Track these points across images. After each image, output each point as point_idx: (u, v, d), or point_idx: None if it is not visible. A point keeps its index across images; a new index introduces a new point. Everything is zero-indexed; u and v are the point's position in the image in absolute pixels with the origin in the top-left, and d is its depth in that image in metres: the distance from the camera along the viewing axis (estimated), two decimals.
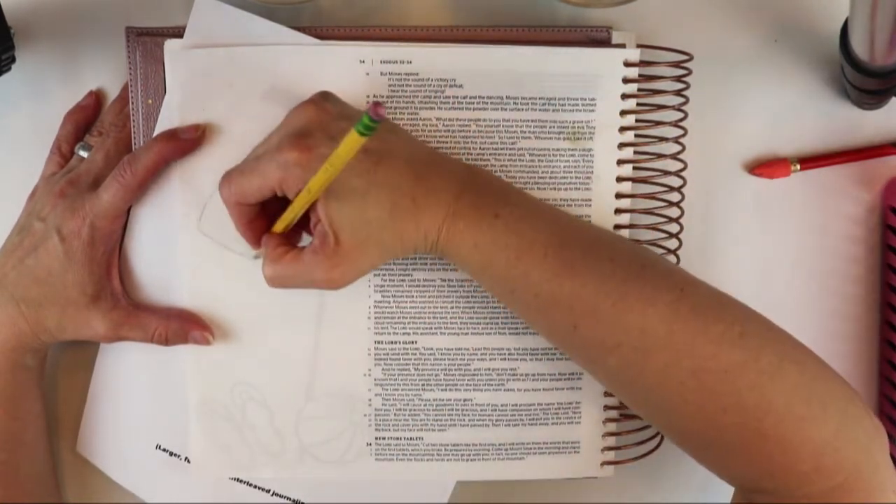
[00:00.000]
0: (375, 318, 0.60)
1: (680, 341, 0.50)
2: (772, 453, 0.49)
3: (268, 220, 0.55)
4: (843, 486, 0.48)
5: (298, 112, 0.54)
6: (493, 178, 0.55)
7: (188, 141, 0.57)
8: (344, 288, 0.53)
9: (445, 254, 0.53)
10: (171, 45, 0.58)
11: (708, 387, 0.49)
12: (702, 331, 0.50)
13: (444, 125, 0.58)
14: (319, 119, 0.53)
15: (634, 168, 0.60)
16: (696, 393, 0.50)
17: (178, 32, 0.58)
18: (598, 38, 0.59)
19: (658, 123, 0.60)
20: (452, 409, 0.61)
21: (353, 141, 0.46)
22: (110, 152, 0.59)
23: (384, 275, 0.59)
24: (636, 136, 0.59)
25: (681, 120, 0.60)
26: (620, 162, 0.59)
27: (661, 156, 0.60)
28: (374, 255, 0.53)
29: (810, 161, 0.62)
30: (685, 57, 0.59)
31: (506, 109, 0.58)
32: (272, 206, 0.54)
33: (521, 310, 0.55)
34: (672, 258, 0.61)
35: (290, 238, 0.55)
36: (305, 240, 0.57)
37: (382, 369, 0.60)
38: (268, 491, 0.63)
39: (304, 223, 0.55)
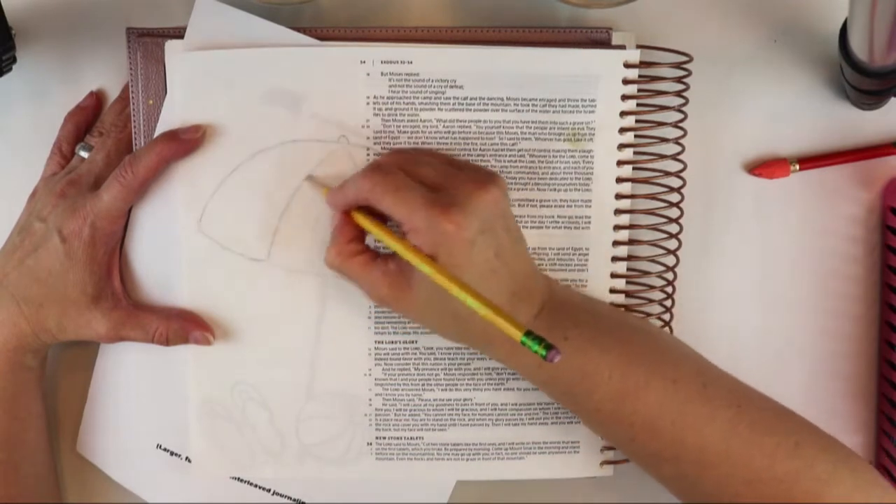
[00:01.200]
0: (375, 317, 0.60)
1: (736, 455, 0.51)
2: None
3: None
4: None
5: (476, 185, 0.51)
6: (568, 296, 0.56)
7: (189, 141, 0.57)
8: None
9: (506, 363, 0.55)
10: (171, 46, 0.58)
11: (763, 496, 0.51)
12: (758, 444, 0.51)
13: (444, 126, 0.58)
14: (486, 207, 0.51)
15: (634, 169, 0.60)
16: (751, 501, 0.51)
17: (179, 33, 0.58)
18: (598, 39, 0.59)
19: (658, 124, 0.60)
20: (452, 409, 0.61)
21: (508, 328, 0.47)
22: (111, 153, 0.59)
23: None
24: (636, 136, 0.59)
25: (681, 120, 0.60)
26: (620, 163, 0.59)
27: (661, 156, 0.60)
28: (426, 322, 0.54)
29: (810, 161, 0.62)
30: (685, 57, 0.59)
31: (506, 110, 0.58)
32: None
33: (581, 416, 0.57)
34: (672, 258, 0.61)
35: (361, 232, 0.55)
36: None
37: (383, 369, 0.61)
38: (268, 490, 0.63)
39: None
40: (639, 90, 0.59)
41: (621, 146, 0.59)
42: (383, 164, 0.54)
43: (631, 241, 0.60)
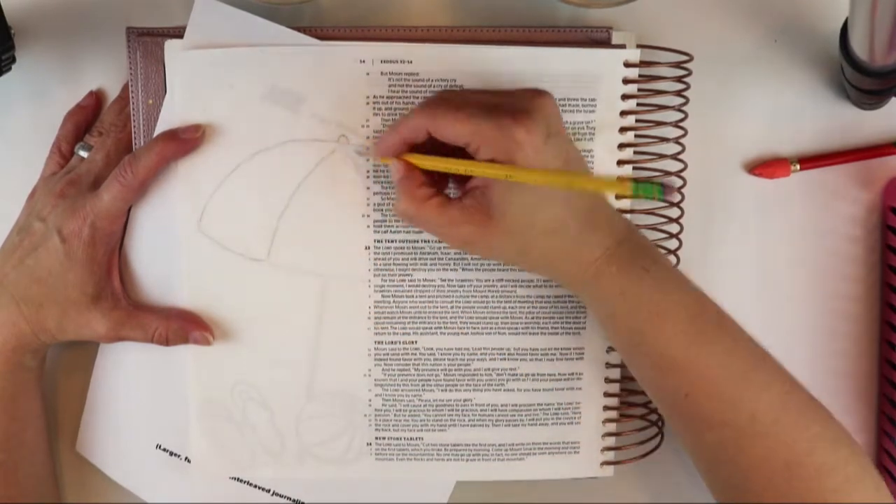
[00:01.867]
0: (375, 318, 0.60)
1: (783, 432, 0.51)
2: None
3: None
4: None
5: (533, 94, 0.52)
6: (646, 239, 0.56)
7: (189, 141, 0.57)
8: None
9: (585, 291, 0.54)
10: (171, 46, 0.58)
11: (797, 481, 0.51)
12: (804, 426, 0.51)
13: None
14: (550, 111, 0.51)
15: (634, 168, 0.60)
16: (785, 484, 0.51)
17: (179, 33, 0.58)
18: (598, 39, 0.59)
19: (658, 124, 0.60)
20: (452, 410, 0.61)
21: (616, 186, 0.47)
22: (110, 152, 0.59)
23: (384, 275, 0.59)
24: (636, 136, 0.59)
25: (681, 120, 0.60)
26: (620, 162, 0.59)
27: (661, 156, 0.60)
28: (512, 251, 0.53)
29: (810, 161, 0.62)
30: (685, 57, 0.59)
31: None
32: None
33: (637, 364, 0.55)
34: (672, 258, 0.61)
35: (428, 177, 0.53)
36: None
37: (382, 369, 0.61)
38: (268, 491, 0.63)
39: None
40: (639, 90, 0.59)
41: (621, 146, 0.59)
42: (435, 96, 0.53)
43: None
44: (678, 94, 0.59)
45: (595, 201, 0.53)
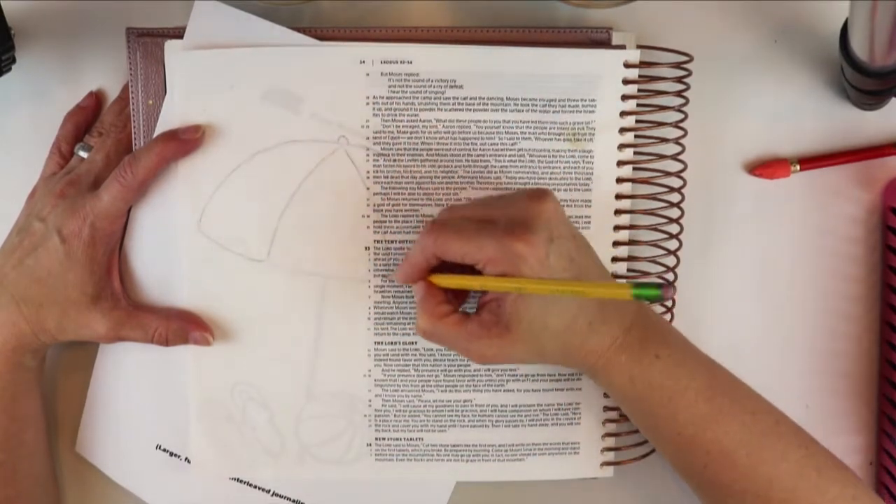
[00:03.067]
0: (375, 318, 0.60)
1: (802, 497, 0.52)
2: None
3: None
4: None
5: (531, 201, 0.52)
6: (658, 317, 0.56)
7: (189, 141, 0.57)
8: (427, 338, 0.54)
9: (597, 377, 0.55)
10: (171, 46, 0.58)
11: None
12: (822, 490, 0.52)
13: (444, 126, 0.58)
14: (549, 217, 0.52)
15: (634, 169, 0.60)
16: None
17: (179, 33, 0.58)
18: (599, 39, 0.59)
19: (658, 124, 0.60)
20: (452, 410, 0.61)
21: (615, 292, 0.47)
22: (110, 153, 0.59)
23: (384, 275, 0.59)
24: (636, 136, 0.59)
25: (681, 121, 0.60)
26: (620, 163, 0.59)
27: (661, 156, 0.60)
28: (530, 354, 0.54)
29: (810, 161, 0.61)
30: (685, 57, 0.59)
31: (506, 110, 0.58)
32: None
33: (656, 441, 0.56)
34: (672, 259, 0.61)
35: (447, 295, 0.55)
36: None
37: (382, 370, 0.61)
38: (268, 491, 0.63)
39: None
40: (639, 90, 0.59)
41: (621, 146, 0.59)
42: (437, 220, 0.54)
43: (631, 242, 0.60)
44: (678, 94, 0.59)
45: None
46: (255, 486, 0.63)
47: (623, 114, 0.59)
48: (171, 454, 0.62)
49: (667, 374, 0.53)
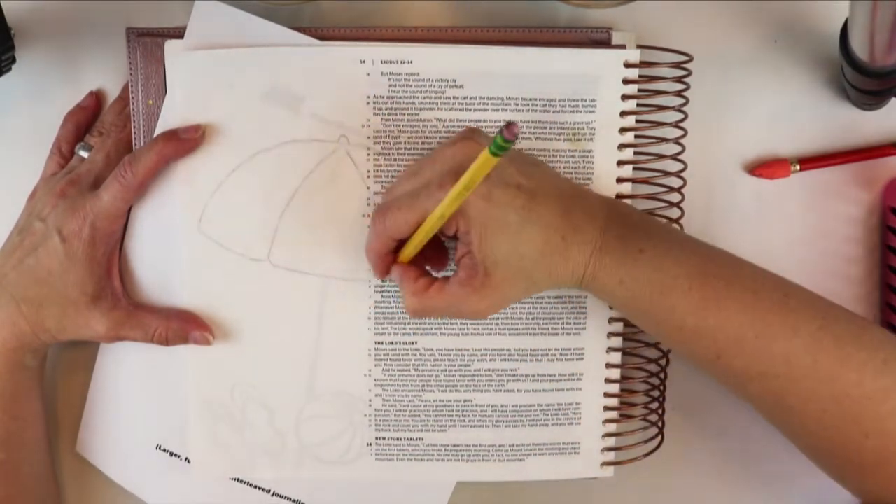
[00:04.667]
0: (375, 318, 0.60)
1: (823, 369, 0.51)
2: None
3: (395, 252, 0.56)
4: None
5: (454, 148, 0.53)
6: (632, 211, 0.56)
7: (189, 141, 0.57)
8: (485, 315, 0.54)
9: (590, 288, 0.54)
10: (171, 46, 0.58)
11: (850, 412, 0.51)
12: (845, 359, 0.51)
13: (444, 126, 0.58)
14: (475, 155, 0.51)
15: (634, 169, 0.60)
16: (837, 418, 0.51)
17: (179, 33, 0.58)
18: (599, 39, 0.59)
19: (658, 124, 0.60)
20: (452, 410, 0.61)
21: (485, 161, 0.46)
22: (111, 152, 0.59)
23: None
24: (636, 136, 0.59)
25: (681, 120, 0.60)
26: (620, 163, 0.59)
27: (661, 156, 0.60)
28: (520, 289, 0.54)
29: (810, 161, 0.62)
30: (685, 57, 0.59)
31: (506, 110, 0.58)
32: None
33: (664, 339, 0.56)
34: None
35: (419, 268, 0.56)
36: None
37: (382, 370, 0.60)
38: (268, 491, 0.63)
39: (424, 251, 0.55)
40: (639, 90, 0.59)
41: (621, 146, 0.59)
42: (380, 206, 0.55)
43: None
44: (678, 94, 0.59)
45: (567, 203, 0.53)
46: (255, 486, 0.63)
47: (623, 114, 0.59)
48: (171, 454, 0.62)
49: (654, 267, 0.53)
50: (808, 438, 0.54)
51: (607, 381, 0.61)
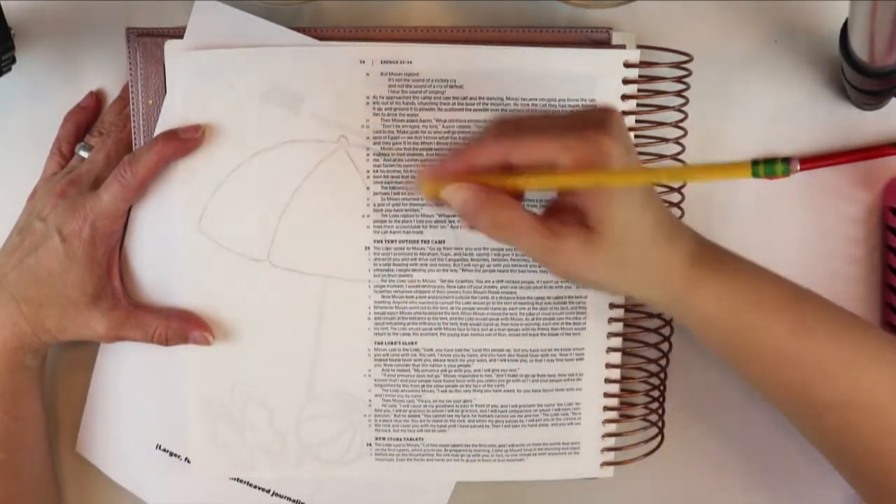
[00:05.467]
0: (375, 318, 0.60)
1: None
2: None
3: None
4: None
5: (600, 109, 0.51)
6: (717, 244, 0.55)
7: (189, 141, 0.57)
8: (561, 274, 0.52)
9: (679, 303, 0.52)
10: (171, 46, 0.58)
11: None
12: None
13: (444, 126, 0.58)
14: (621, 123, 0.50)
15: None
16: None
17: (179, 33, 0.58)
18: (598, 39, 0.59)
19: (658, 124, 0.60)
20: (452, 410, 0.61)
21: (737, 171, 0.45)
22: (111, 152, 0.59)
23: (384, 275, 0.59)
24: (636, 136, 0.59)
25: (681, 120, 0.60)
26: None
27: (661, 156, 0.60)
28: (613, 268, 0.51)
29: (810, 161, 0.61)
30: (685, 57, 0.59)
31: (506, 110, 0.58)
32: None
33: (743, 366, 0.54)
34: None
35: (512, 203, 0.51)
36: None
37: (382, 370, 0.61)
38: (268, 491, 0.63)
39: None
40: (639, 90, 0.59)
41: None
42: (502, 120, 0.51)
43: None
44: (678, 94, 0.59)
45: (669, 209, 0.53)
46: (255, 486, 0.63)
47: (623, 113, 0.58)
48: (171, 454, 0.62)
49: (750, 287, 0.52)
50: (873, 475, 0.52)
51: (607, 381, 0.61)
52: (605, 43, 0.59)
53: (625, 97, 0.58)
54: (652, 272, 0.51)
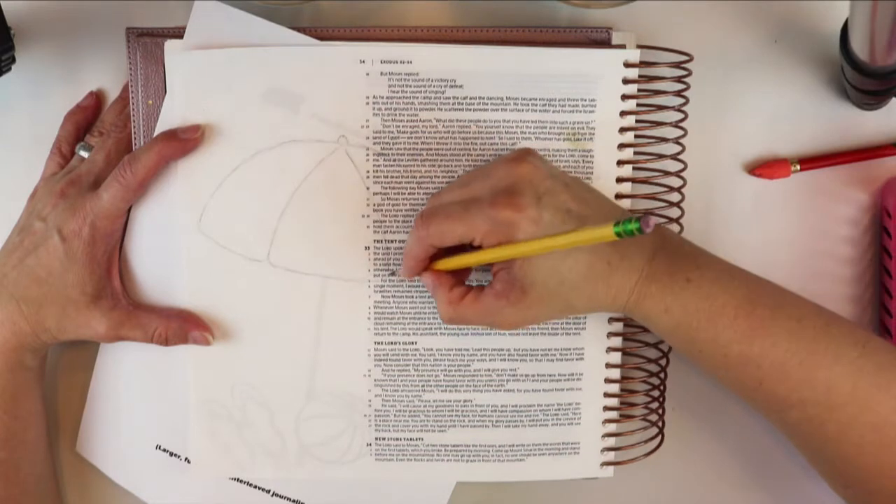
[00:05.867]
0: (375, 318, 0.60)
1: (863, 397, 0.51)
2: None
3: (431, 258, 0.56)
4: None
5: (508, 167, 0.53)
6: (682, 241, 0.56)
7: (188, 141, 0.57)
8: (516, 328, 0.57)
9: (633, 314, 0.55)
10: (171, 46, 0.58)
11: (889, 441, 0.51)
12: (885, 386, 0.51)
13: (444, 126, 0.58)
14: (530, 177, 0.52)
15: (634, 169, 0.60)
16: (876, 447, 0.51)
17: (179, 33, 0.58)
18: (598, 39, 0.59)
19: (658, 124, 0.60)
20: (452, 410, 0.61)
21: (601, 234, 0.46)
22: (111, 152, 0.59)
23: (384, 275, 0.59)
24: (636, 136, 0.59)
25: (681, 120, 0.60)
26: (620, 162, 0.59)
27: (661, 156, 0.60)
28: (556, 309, 0.54)
29: (810, 161, 0.61)
30: (685, 57, 0.59)
31: (506, 110, 0.58)
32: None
33: (706, 367, 0.55)
34: None
35: (459, 275, 0.56)
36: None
37: (382, 370, 0.60)
38: (268, 491, 0.63)
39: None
40: (639, 90, 0.59)
41: (621, 146, 0.59)
42: (425, 211, 0.55)
43: None
44: (678, 94, 0.59)
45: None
46: (255, 486, 0.63)
47: (623, 113, 0.59)
48: (171, 454, 0.62)
49: (701, 296, 0.53)
50: (841, 466, 0.53)
51: (607, 381, 0.61)
52: (605, 43, 0.59)
53: (625, 97, 0.58)
54: (596, 301, 0.54)
